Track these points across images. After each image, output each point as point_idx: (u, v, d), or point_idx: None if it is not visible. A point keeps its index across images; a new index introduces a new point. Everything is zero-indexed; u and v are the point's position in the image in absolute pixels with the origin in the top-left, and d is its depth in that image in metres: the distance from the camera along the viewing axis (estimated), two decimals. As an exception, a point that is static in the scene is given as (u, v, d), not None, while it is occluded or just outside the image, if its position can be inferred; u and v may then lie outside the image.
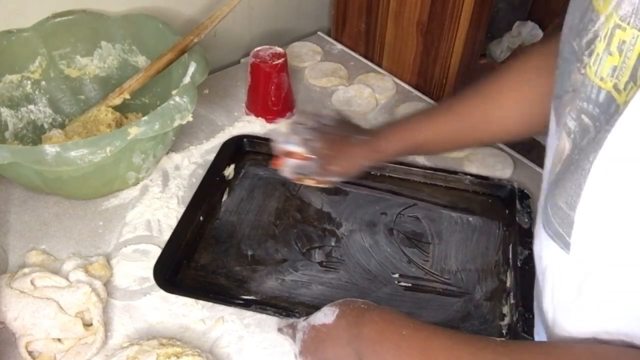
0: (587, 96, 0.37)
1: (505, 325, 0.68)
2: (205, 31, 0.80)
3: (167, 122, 0.68)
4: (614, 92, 0.35)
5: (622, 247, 0.35)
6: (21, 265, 0.71)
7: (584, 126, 0.38)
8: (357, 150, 0.70)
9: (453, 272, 0.74)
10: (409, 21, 1.01)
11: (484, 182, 0.84)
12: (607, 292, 0.38)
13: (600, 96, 0.36)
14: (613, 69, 0.35)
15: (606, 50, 0.35)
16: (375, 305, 0.55)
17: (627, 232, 0.34)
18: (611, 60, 0.35)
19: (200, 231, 0.77)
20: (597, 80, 0.36)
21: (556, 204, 0.39)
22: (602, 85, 0.36)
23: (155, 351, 0.58)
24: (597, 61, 0.36)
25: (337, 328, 0.53)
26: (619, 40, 0.34)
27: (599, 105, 0.36)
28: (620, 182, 0.33)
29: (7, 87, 0.82)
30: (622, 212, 0.34)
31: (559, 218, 0.39)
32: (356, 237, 0.78)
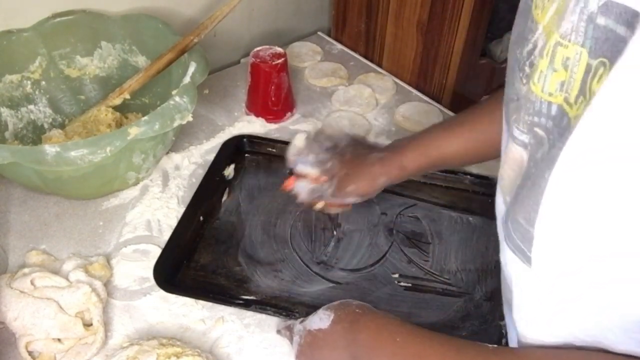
0: (536, 111, 0.37)
1: (505, 325, 0.68)
2: (205, 31, 0.80)
3: (167, 122, 0.68)
4: (565, 105, 0.35)
5: (580, 260, 0.36)
6: (21, 265, 0.71)
7: (538, 139, 0.38)
8: (377, 169, 0.67)
9: (453, 272, 0.74)
10: (409, 21, 1.01)
11: (483, 182, 0.84)
12: (568, 303, 0.39)
13: (552, 109, 0.36)
14: (561, 83, 0.35)
15: (550, 67, 0.35)
16: (369, 308, 0.55)
17: (584, 246, 0.35)
18: (558, 76, 0.35)
19: (200, 231, 0.77)
20: (545, 96, 0.36)
21: (516, 219, 0.39)
22: (552, 100, 0.36)
23: (155, 351, 0.58)
24: (542, 78, 0.36)
25: (333, 334, 0.54)
26: (563, 57, 0.34)
27: (552, 118, 0.36)
28: (575, 197, 0.34)
29: (7, 87, 0.82)
30: (578, 227, 0.34)
31: (519, 233, 0.39)
32: (356, 237, 0.78)
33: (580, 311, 0.38)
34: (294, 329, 0.59)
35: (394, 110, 0.99)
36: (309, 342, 0.56)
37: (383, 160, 0.67)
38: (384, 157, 0.67)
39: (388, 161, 0.67)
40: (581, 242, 0.35)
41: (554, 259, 0.37)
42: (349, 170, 0.67)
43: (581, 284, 0.37)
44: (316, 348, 0.55)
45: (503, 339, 0.66)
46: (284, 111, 0.96)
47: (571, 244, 0.35)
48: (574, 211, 0.34)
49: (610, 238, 0.33)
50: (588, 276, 0.36)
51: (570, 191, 0.34)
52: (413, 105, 0.99)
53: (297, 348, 0.57)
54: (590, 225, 0.34)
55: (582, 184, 0.33)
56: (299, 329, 0.58)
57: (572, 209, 0.34)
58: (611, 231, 0.33)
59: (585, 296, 0.37)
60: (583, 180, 0.33)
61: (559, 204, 0.35)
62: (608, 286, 0.35)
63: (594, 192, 0.32)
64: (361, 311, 0.54)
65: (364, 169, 0.67)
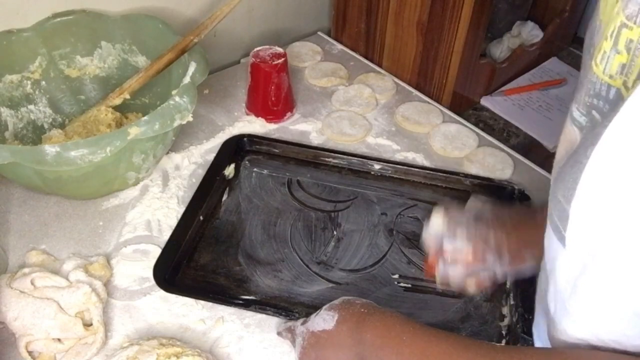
0: (596, 93, 0.37)
1: (505, 326, 0.68)
2: (205, 31, 0.80)
3: (167, 122, 0.68)
4: (624, 89, 0.35)
5: (615, 243, 0.35)
6: (21, 265, 0.71)
7: (594, 122, 0.38)
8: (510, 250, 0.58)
9: (453, 272, 0.74)
10: (409, 21, 1.00)
11: (484, 183, 0.84)
12: (599, 290, 0.38)
13: (611, 93, 0.36)
14: (622, 66, 0.35)
15: (613, 48, 0.35)
16: (374, 306, 0.55)
17: (619, 228, 0.34)
18: (619, 59, 0.35)
19: (200, 231, 0.77)
20: (606, 78, 0.36)
21: (556, 197, 0.39)
22: (611, 82, 0.36)
23: (155, 351, 0.58)
24: (605, 59, 0.36)
25: (339, 334, 0.53)
26: (626, 39, 0.34)
27: (610, 103, 0.36)
28: (614, 177, 0.33)
29: (7, 87, 0.82)
30: (615, 207, 0.34)
31: (557, 211, 0.39)
32: (356, 238, 0.78)
33: (608, 302, 0.38)
34: (295, 331, 0.59)
35: (394, 110, 0.99)
36: (312, 343, 0.55)
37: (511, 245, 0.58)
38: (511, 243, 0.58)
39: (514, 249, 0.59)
40: (615, 225, 0.34)
41: (586, 240, 0.37)
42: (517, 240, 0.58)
43: (611, 269, 0.36)
44: (320, 349, 0.55)
45: (503, 340, 0.66)
46: (284, 111, 0.96)
47: (605, 225, 0.35)
48: (612, 191, 0.34)
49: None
50: (618, 261, 0.35)
51: (610, 170, 0.33)
52: (413, 105, 0.99)
53: (299, 350, 0.57)
54: (626, 208, 0.33)
55: (622, 164, 0.32)
56: (302, 330, 0.57)
57: (610, 189, 0.34)
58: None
59: (614, 283, 0.37)
60: (624, 160, 0.32)
61: (597, 182, 0.35)
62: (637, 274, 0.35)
63: (634, 174, 0.32)
64: (366, 310, 0.54)
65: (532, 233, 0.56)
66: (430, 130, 0.94)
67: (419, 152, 0.91)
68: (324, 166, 0.88)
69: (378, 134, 0.94)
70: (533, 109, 1.08)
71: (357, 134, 0.93)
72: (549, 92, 1.12)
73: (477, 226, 0.58)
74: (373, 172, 0.86)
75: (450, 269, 0.60)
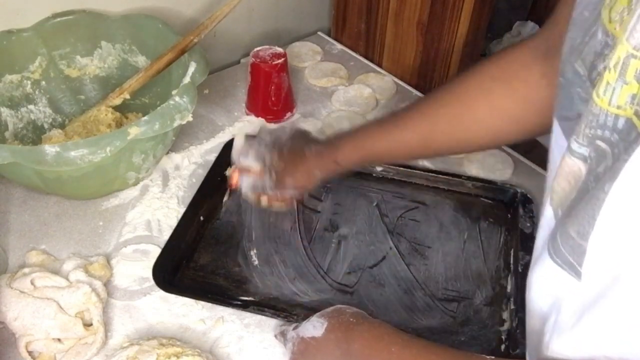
0: (600, 124, 0.36)
1: (504, 330, 0.67)
2: (205, 31, 0.80)
3: (167, 122, 0.68)
4: (635, 118, 0.34)
5: (632, 276, 0.35)
6: (21, 265, 0.71)
7: (600, 152, 0.37)
8: (312, 163, 0.68)
9: (453, 277, 0.73)
10: (409, 21, 1.01)
11: (486, 186, 0.84)
12: (612, 320, 0.38)
13: (619, 123, 0.35)
14: (632, 96, 0.34)
15: (620, 79, 0.34)
16: (364, 316, 0.55)
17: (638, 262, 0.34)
18: (629, 89, 0.34)
19: (200, 231, 0.77)
20: (612, 109, 0.35)
21: (567, 232, 0.38)
22: (619, 113, 0.35)
23: (155, 351, 0.58)
24: (609, 91, 0.35)
25: (326, 342, 0.53)
26: (636, 69, 0.33)
27: (618, 132, 0.35)
28: (637, 212, 0.33)
29: (7, 87, 0.82)
30: (637, 242, 0.33)
31: (569, 247, 0.38)
32: (356, 240, 0.77)
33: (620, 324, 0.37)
34: (286, 335, 0.59)
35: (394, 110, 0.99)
36: (301, 349, 0.55)
37: (319, 155, 0.68)
38: (320, 151, 0.68)
39: (323, 155, 0.68)
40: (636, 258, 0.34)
41: (606, 273, 0.36)
42: (286, 164, 0.67)
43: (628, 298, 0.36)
44: (309, 356, 0.55)
45: (502, 345, 0.66)
46: (284, 111, 0.96)
47: (628, 260, 0.34)
48: (634, 226, 0.33)
49: None
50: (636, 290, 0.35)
51: (632, 205, 0.33)
52: (413, 105, 0.99)
53: (289, 355, 0.57)
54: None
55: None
56: (292, 335, 0.57)
57: (632, 224, 0.33)
58: None
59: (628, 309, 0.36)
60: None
61: (618, 218, 0.34)
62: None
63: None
64: (355, 320, 0.54)
65: (300, 162, 0.68)
66: (430, 130, 0.94)
67: (419, 152, 0.90)
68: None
69: (378, 134, 0.94)
70: (533, 109, 1.08)
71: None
72: (549, 92, 1.12)
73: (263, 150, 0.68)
74: (375, 174, 0.86)
75: (242, 180, 0.70)
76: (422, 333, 0.67)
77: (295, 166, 0.68)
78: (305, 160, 0.68)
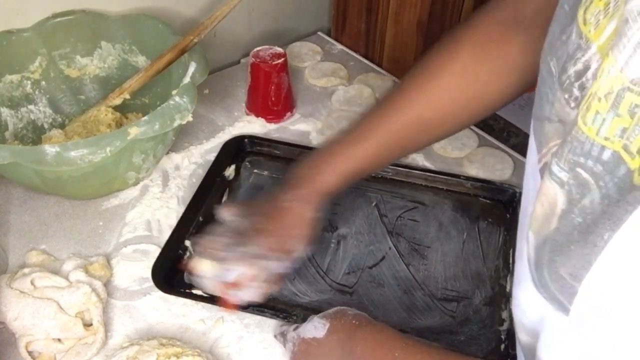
0: (584, 152, 0.34)
1: (504, 330, 0.67)
2: (205, 31, 0.80)
3: (167, 122, 0.68)
4: (624, 153, 0.32)
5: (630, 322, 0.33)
6: (21, 265, 0.71)
7: (581, 181, 0.35)
8: (298, 211, 0.61)
9: (452, 276, 0.73)
10: (409, 21, 1.00)
11: (485, 186, 0.83)
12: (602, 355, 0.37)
13: (604, 154, 0.33)
14: (623, 130, 0.32)
15: (612, 111, 0.32)
16: (367, 319, 0.55)
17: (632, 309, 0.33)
18: (620, 122, 0.32)
19: (200, 232, 0.77)
20: (599, 140, 0.33)
21: (557, 272, 0.37)
22: (606, 144, 0.33)
23: (155, 351, 0.58)
24: (599, 121, 0.33)
25: (329, 344, 0.53)
26: (630, 103, 0.31)
27: (603, 164, 0.33)
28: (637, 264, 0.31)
29: (7, 87, 0.82)
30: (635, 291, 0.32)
31: (559, 286, 0.37)
32: (355, 240, 0.77)
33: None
34: (287, 336, 0.59)
35: (393, 111, 0.99)
36: (302, 350, 0.55)
37: (299, 199, 0.62)
38: (298, 196, 0.62)
39: (303, 197, 0.62)
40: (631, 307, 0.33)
41: (597, 315, 0.35)
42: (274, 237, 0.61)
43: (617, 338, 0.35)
44: (310, 357, 0.55)
45: (502, 344, 0.66)
46: (284, 111, 0.96)
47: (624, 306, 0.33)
48: (635, 275, 0.32)
49: None
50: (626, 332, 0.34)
51: (635, 256, 0.31)
52: (413, 105, 0.99)
53: (290, 356, 0.57)
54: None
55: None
56: (293, 336, 0.57)
57: (633, 273, 0.32)
58: None
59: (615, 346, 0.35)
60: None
61: (618, 267, 0.33)
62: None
63: None
64: (358, 322, 0.54)
65: (286, 221, 0.61)
66: (430, 130, 0.94)
67: (418, 152, 0.90)
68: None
69: (378, 134, 0.94)
70: (533, 109, 1.08)
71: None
72: (548, 92, 1.12)
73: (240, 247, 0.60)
74: (374, 174, 0.86)
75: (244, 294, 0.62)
76: (422, 333, 0.67)
77: (283, 229, 0.61)
78: (288, 214, 0.62)
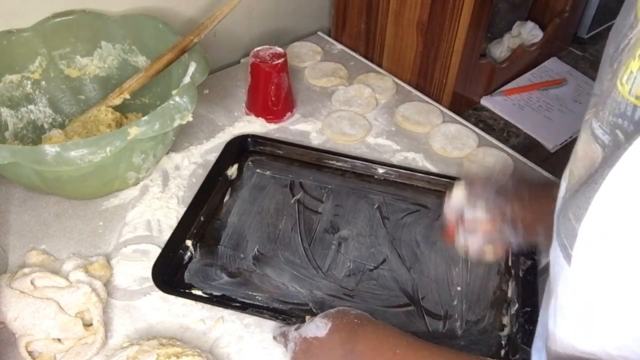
0: (621, 112, 0.36)
1: (504, 336, 0.67)
2: (205, 31, 0.80)
3: (167, 122, 0.68)
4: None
5: (622, 268, 0.34)
6: (21, 265, 0.71)
7: (617, 142, 0.36)
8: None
9: (453, 280, 0.73)
10: (409, 21, 1.00)
11: (486, 187, 0.83)
12: (602, 311, 0.38)
13: (637, 114, 0.34)
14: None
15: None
16: (368, 318, 0.55)
17: (628, 251, 0.33)
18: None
19: (200, 231, 0.77)
20: (632, 99, 0.34)
21: (566, 214, 0.38)
22: (637, 103, 0.34)
23: (155, 351, 0.58)
24: (631, 79, 0.34)
25: (330, 342, 0.53)
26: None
27: (635, 123, 0.35)
28: (629, 201, 0.32)
29: (7, 87, 0.82)
30: (625, 232, 0.33)
31: (566, 229, 0.38)
32: (356, 242, 0.77)
33: (613, 319, 0.37)
34: (288, 336, 0.59)
35: (394, 110, 0.99)
36: (304, 349, 0.55)
37: None
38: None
39: None
40: (624, 249, 0.33)
41: (594, 262, 0.36)
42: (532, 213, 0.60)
43: (618, 290, 0.35)
44: (311, 356, 0.54)
45: (502, 350, 0.66)
46: (284, 111, 0.96)
47: (613, 248, 0.34)
48: (624, 214, 0.33)
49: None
50: (625, 283, 0.35)
51: (625, 194, 0.32)
52: (413, 105, 0.99)
53: (291, 355, 0.57)
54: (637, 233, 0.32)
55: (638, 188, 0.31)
56: (294, 335, 0.57)
57: (623, 212, 0.33)
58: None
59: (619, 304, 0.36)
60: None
61: (610, 205, 0.33)
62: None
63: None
64: (360, 321, 0.54)
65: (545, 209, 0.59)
66: (430, 130, 0.94)
67: (419, 152, 0.91)
68: (327, 168, 0.88)
69: (378, 134, 0.94)
70: (533, 109, 1.08)
71: (357, 134, 0.93)
72: (549, 92, 1.12)
73: (497, 199, 0.60)
74: (376, 176, 0.86)
75: (469, 237, 0.62)
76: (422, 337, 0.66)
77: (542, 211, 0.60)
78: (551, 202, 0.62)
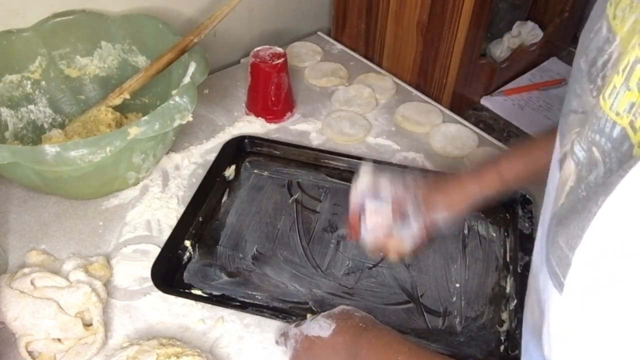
0: (599, 129, 0.35)
1: (504, 331, 0.67)
2: (205, 31, 0.80)
3: (167, 122, 0.68)
4: (629, 129, 0.32)
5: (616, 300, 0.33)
6: (21, 265, 0.71)
7: (592, 160, 0.36)
8: (467, 179, 0.62)
9: (452, 277, 0.73)
10: (409, 21, 1.00)
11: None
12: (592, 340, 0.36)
13: (615, 131, 0.34)
14: (630, 105, 0.32)
15: (624, 84, 0.33)
16: (373, 322, 0.55)
17: (622, 284, 0.32)
18: (629, 96, 0.32)
19: (199, 232, 0.77)
20: (612, 115, 0.34)
21: (556, 242, 0.37)
22: (617, 120, 0.33)
23: (155, 351, 0.58)
24: (614, 94, 0.34)
25: (334, 345, 0.53)
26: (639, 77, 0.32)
27: (612, 141, 0.34)
28: (626, 231, 0.31)
29: (7, 87, 0.82)
30: (621, 262, 0.32)
31: (557, 257, 0.37)
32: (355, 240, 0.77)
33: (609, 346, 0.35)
34: (288, 333, 0.59)
35: (394, 110, 0.99)
36: (306, 347, 0.55)
37: (475, 172, 0.63)
38: (475, 169, 0.63)
39: (481, 172, 0.63)
40: (619, 280, 0.32)
41: (587, 292, 0.35)
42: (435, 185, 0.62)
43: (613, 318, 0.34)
44: (313, 356, 0.54)
45: (502, 346, 0.66)
46: (284, 111, 0.96)
47: (610, 279, 0.33)
48: (621, 244, 0.31)
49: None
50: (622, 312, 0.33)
51: (623, 223, 0.31)
52: (413, 105, 0.99)
53: (291, 352, 0.57)
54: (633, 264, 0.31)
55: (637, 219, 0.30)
56: (295, 332, 0.57)
57: (620, 242, 0.31)
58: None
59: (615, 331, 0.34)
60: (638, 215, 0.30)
61: (606, 234, 0.32)
62: None
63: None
64: (364, 325, 0.54)
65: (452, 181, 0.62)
66: (430, 130, 0.94)
67: (419, 152, 0.91)
68: (324, 168, 0.88)
69: (378, 134, 0.94)
70: (533, 109, 1.08)
71: (357, 134, 0.93)
72: (548, 92, 1.12)
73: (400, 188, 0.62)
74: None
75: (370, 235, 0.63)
76: (421, 333, 0.67)
77: (446, 185, 0.63)
78: (459, 179, 0.63)
